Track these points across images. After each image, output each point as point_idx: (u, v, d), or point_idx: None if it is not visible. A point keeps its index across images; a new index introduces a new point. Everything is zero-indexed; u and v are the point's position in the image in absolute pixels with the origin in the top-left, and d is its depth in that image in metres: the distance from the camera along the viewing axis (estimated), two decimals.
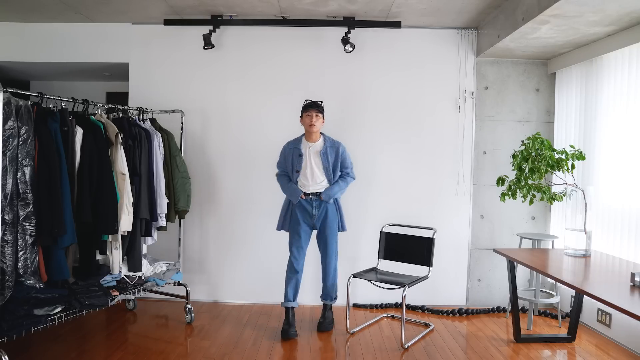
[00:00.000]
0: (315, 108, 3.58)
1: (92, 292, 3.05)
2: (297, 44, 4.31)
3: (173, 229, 4.05)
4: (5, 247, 2.55)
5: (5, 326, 2.55)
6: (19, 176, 2.60)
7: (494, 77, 4.34)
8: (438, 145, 4.31)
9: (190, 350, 3.27)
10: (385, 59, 4.30)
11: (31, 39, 4.37)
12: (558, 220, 4.19)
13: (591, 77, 3.80)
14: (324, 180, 3.59)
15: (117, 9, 3.99)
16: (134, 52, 4.36)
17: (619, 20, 3.15)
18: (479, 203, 4.34)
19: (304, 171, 3.57)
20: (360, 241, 4.27)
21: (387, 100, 4.30)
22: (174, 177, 3.79)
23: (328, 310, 3.76)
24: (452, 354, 3.27)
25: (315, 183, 3.57)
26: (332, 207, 3.62)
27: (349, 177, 3.69)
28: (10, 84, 2.94)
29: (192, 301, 3.95)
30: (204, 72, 4.33)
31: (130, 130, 3.43)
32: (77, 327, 3.62)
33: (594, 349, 3.38)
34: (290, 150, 3.65)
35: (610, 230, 3.57)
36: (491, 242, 4.33)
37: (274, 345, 3.38)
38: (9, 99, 2.58)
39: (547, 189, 3.64)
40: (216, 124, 4.34)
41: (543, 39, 3.63)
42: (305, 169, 3.57)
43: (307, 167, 3.57)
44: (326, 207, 3.60)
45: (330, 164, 3.59)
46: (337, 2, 3.77)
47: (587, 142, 3.83)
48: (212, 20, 4.15)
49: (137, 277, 3.47)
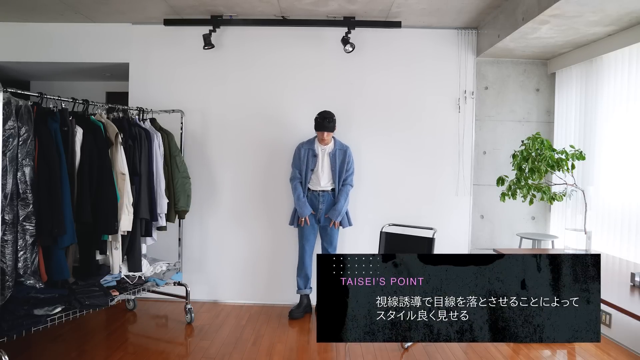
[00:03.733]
0: (327, 130, 3.81)
1: (92, 292, 3.05)
2: (297, 44, 4.31)
3: (173, 229, 4.05)
4: (5, 247, 2.55)
5: (5, 326, 2.55)
6: (19, 176, 2.60)
7: (494, 77, 4.34)
8: (438, 145, 4.31)
9: (190, 350, 3.27)
10: (385, 59, 4.30)
11: (31, 39, 4.37)
12: (558, 220, 4.19)
13: (591, 77, 3.80)
14: (330, 180, 3.90)
15: (117, 9, 3.99)
16: (134, 52, 4.36)
17: (619, 20, 3.15)
18: (479, 203, 4.34)
19: (317, 170, 3.88)
20: (360, 241, 4.27)
21: (387, 100, 4.30)
22: (174, 177, 3.79)
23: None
24: (452, 354, 3.27)
25: (325, 183, 3.89)
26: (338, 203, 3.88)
27: (348, 186, 3.95)
28: (10, 84, 2.94)
29: (192, 301, 3.95)
30: (204, 72, 4.33)
31: (130, 130, 3.43)
32: (77, 327, 3.62)
33: (594, 349, 3.38)
34: (306, 151, 3.93)
35: (610, 230, 3.57)
36: (491, 242, 4.33)
37: (274, 345, 3.38)
38: (9, 99, 2.58)
39: (547, 189, 3.64)
40: (216, 124, 4.34)
41: (543, 39, 3.63)
42: (318, 169, 3.88)
43: (319, 167, 3.88)
44: (331, 202, 3.89)
45: (337, 166, 3.88)
46: (337, 2, 3.77)
47: (587, 142, 3.83)
48: (212, 20, 4.15)
49: (137, 277, 3.47)
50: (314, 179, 3.89)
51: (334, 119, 3.85)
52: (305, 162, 3.89)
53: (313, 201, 3.90)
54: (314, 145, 3.93)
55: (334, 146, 3.93)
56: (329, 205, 3.89)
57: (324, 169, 3.87)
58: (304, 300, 4.01)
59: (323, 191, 3.88)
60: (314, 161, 3.88)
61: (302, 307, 3.98)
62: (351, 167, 3.96)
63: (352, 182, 3.98)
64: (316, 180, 3.88)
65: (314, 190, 3.89)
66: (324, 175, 3.87)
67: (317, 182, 3.88)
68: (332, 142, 3.94)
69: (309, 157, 3.89)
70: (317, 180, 3.88)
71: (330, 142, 3.93)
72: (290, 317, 3.91)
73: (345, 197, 3.90)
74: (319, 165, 3.88)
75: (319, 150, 3.91)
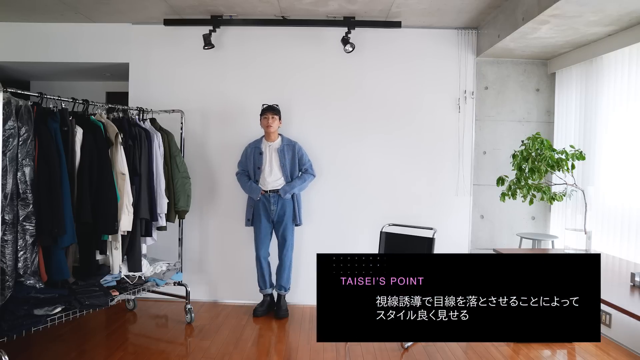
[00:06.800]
0: (272, 111, 3.90)
1: (92, 292, 3.04)
2: (297, 44, 4.31)
3: (173, 229, 4.05)
4: (5, 247, 2.55)
5: (5, 326, 2.55)
6: (19, 176, 2.60)
7: (494, 77, 4.35)
8: (438, 145, 4.31)
9: (190, 350, 3.28)
10: (385, 59, 4.30)
11: (31, 39, 4.37)
12: (558, 220, 4.19)
13: (591, 77, 3.80)
14: (281, 178, 3.90)
15: (117, 9, 3.99)
16: (134, 52, 4.36)
17: (619, 20, 3.15)
18: (479, 203, 4.34)
19: (264, 168, 3.89)
20: (360, 241, 4.27)
21: (387, 100, 4.30)
22: (174, 177, 3.79)
23: (283, 299, 4.06)
24: (452, 354, 3.27)
25: (274, 180, 3.88)
26: (289, 202, 3.92)
27: (308, 174, 3.99)
28: (10, 84, 2.94)
29: (192, 301, 3.95)
30: (204, 72, 4.34)
31: (130, 130, 3.43)
32: (77, 327, 3.62)
33: (594, 349, 3.38)
34: (252, 150, 3.97)
35: (610, 230, 3.57)
36: (491, 242, 4.33)
37: (274, 345, 3.39)
38: (9, 99, 2.58)
39: (547, 189, 3.64)
40: (216, 124, 4.34)
41: (543, 39, 3.63)
42: (265, 167, 3.89)
43: (266, 165, 3.89)
44: (283, 203, 3.90)
45: (288, 162, 3.90)
46: (337, 2, 3.77)
47: (587, 142, 3.83)
48: (212, 20, 4.15)
49: (137, 277, 3.47)
50: (262, 178, 3.88)
51: (279, 109, 3.95)
52: (251, 160, 3.92)
53: (265, 203, 3.90)
54: (260, 143, 3.96)
55: (281, 142, 3.95)
56: (282, 206, 3.89)
57: (272, 165, 3.87)
58: (266, 299, 4.06)
59: (274, 191, 3.87)
60: (260, 159, 3.89)
61: (266, 305, 4.03)
62: (306, 162, 3.98)
63: (314, 173, 4.02)
64: (264, 180, 3.87)
65: (265, 191, 3.88)
66: (273, 172, 3.87)
67: (266, 182, 3.87)
68: (279, 139, 3.97)
69: (255, 155, 3.92)
70: (265, 180, 3.87)
71: (277, 138, 3.96)
72: (254, 314, 3.97)
73: (301, 181, 3.92)
74: (265, 162, 3.88)
75: (265, 147, 3.92)
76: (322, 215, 4.31)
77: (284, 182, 3.88)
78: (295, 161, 3.93)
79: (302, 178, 3.95)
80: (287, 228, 3.94)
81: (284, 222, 3.92)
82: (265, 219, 3.93)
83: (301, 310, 4.12)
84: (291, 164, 3.91)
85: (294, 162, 3.92)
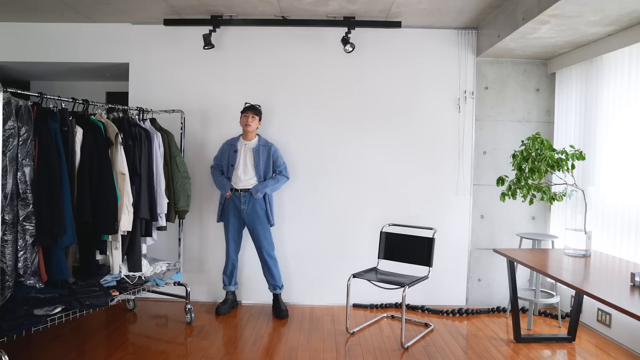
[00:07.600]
0: (253, 110, 3.92)
1: (92, 292, 3.05)
2: (297, 44, 4.31)
3: (173, 229, 4.05)
4: (5, 247, 2.55)
5: (5, 326, 2.55)
6: (19, 176, 2.60)
7: (494, 77, 4.35)
8: (438, 145, 4.31)
9: (190, 350, 3.28)
10: (386, 59, 4.30)
11: (31, 39, 4.37)
12: (558, 220, 4.19)
13: (591, 77, 3.80)
14: (253, 178, 3.89)
15: (117, 9, 3.99)
16: (134, 52, 4.36)
17: (619, 20, 3.15)
18: (479, 203, 4.34)
19: (237, 166, 3.89)
20: (360, 241, 4.27)
21: (387, 100, 4.30)
22: (174, 177, 3.79)
23: (280, 299, 4.04)
24: (452, 354, 3.27)
25: (246, 179, 3.87)
26: (260, 202, 3.89)
27: (282, 176, 3.98)
28: (10, 84, 2.95)
29: (192, 301, 3.95)
30: (204, 72, 4.34)
31: (130, 130, 3.43)
32: (77, 327, 3.62)
33: (594, 349, 3.38)
34: (228, 147, 3.99)
35: (610, 230, 3.57)
36: (491, 242, 4.33)
37: (274, 345, 3.39)
38: (9, 99, 2.58)
39: (547, 189, 3.64)
40: (216, 124, 4.34)
41: (543, 39, 3.63)
42: (239, 165, 3.89)
43: (240, 163, 3.89)
44: (254, 203, 3.88)
45: (262, 162, 3.90)
46: (337, 2, 3.77)
47: (587, 142, 3.83)
48: (212, 20, 4.15)
49: (137, 277, 3.47)
50: (235, 176, 3.87)
51: (260, 109, 3.99)
52: (226, 157, 3.94)
53: (235, 202, 3.88)
54: (237, 141, 3.98)
55: (257, 142, 3.96)
56: (252, 206, 3.87)
57: (246, 164, 3.87)
58: (229, 296, 4.08)
59: (245, 190, 3.86)
60: (234, 156, 3.90)
61: (229, 303, 4.05)
62: (281, 164, 3.97)
63: (288, 175, 4.02)
64: (237, 177, 3.86)
65: (236, 190, 3.87)
66: (247, 170, 3.86)
67: (238, 180, 3.86)
68: (256, 138, 3.97)
69: (230, 152, 3.94)
70: (238, 177, 3.86)
71: (255, 137, 3.96)
72: (217, 313, 3.97)
73: (274, 182, 3.92)
74: (239, 160, 3.88)
75: (241, 145, 3.93)
76: (321, 215, 4.31)
77: (257, 182, 3.88)
78: (269, 162, 3.92)
79: (276, 179, 3.94)
80: (261, 228, 3.91)
81: (255, 222, 3.89)
82: (235, 217, 3.91)
83: (301, 310, 4.12)
84: (265, 164, 3.90)
85: (268, 163, 3.91)
